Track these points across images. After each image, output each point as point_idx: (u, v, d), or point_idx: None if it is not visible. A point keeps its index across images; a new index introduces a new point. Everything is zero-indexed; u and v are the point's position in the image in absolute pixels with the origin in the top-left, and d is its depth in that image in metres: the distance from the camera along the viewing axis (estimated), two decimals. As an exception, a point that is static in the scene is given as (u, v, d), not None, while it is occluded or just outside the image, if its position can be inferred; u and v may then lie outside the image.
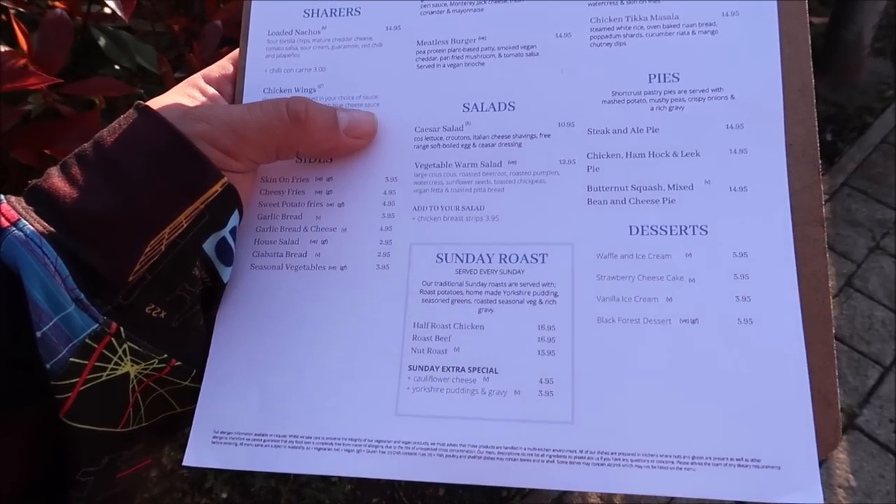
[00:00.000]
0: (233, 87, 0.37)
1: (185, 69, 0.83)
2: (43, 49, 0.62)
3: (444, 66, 0.36)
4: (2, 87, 0.55)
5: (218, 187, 0.31)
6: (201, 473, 1.37)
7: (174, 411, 0.33)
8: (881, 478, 1.41)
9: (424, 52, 0.36)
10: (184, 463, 0.32)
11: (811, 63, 0.33)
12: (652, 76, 0.34)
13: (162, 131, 0.30)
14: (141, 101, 0.32)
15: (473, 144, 0.35)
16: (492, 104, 0.35)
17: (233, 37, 0.91)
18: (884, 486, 1.40)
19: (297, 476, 1.31)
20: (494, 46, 0.36)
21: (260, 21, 0.38)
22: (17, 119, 0.61)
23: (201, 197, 0.31)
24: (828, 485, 1.40)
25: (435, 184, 0.35)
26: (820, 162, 0.32)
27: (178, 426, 0.34)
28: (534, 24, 0.35)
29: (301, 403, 0.33)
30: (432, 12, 0.36)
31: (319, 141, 0.34)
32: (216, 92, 0.36)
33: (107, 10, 0.71)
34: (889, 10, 2.38)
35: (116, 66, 0.82)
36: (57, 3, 0.69)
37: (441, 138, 0.35)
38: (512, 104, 0.35)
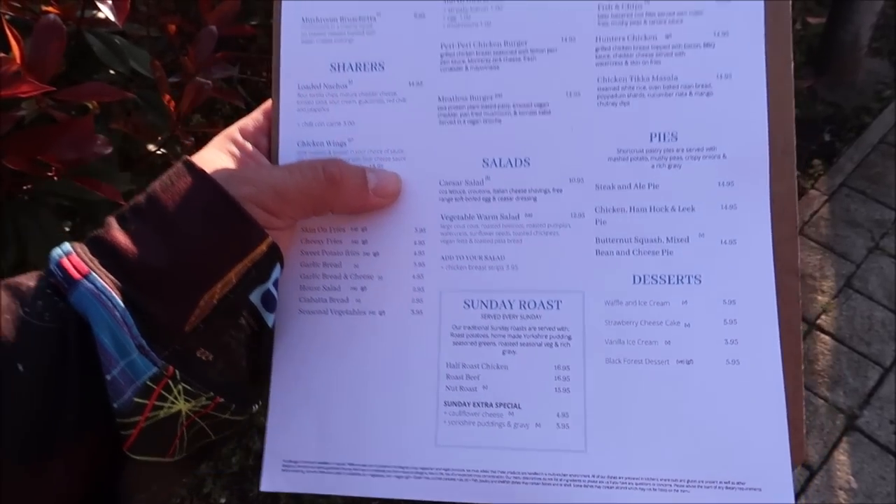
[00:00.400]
0: (268, 139, 0.40)
1: (179, 73, 0.83)
2: (36, 55, 0.61)
3: (465, 122, 0.38)
4: (-5, 94, 0.55)
5: (263, 246, 0.34)
6: (200, 478, 1.36)
7: (209, 440, 0.36)
8: (882, 479, 1.40)
9: (446, 108, 0.39)
10: (261, 489, 0.38)
11: (794, 127, 0.36)
12: (653, 135, 0.37)
13: (214, 194, 0.33)
14: (188, 158, 0.35)
15: (493, 198, 0.38)
16: (509, 160, 0.38)
17: (227, 37, 0.91)
18: (885, 488, 1.39)
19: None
20: (510, 104, 0.38)
21: (290, 74, 0.40)
22: (11, 125, 0.61)
23: (249, 255, 0.34)
24: (829, 486, 1.40)
25: (460, 234, 0.38)
26: (798, 215, 0.36)
27: (210, 452, 0.38)
28: (546, 82, 0.38)
29: (354, 435, 0.37)
30: (451, 69, 0.39)
31: (351, 200, 0.37)
32: (253, 148, 0.39)
33: (100, 15, 0.70)
34: (886, 11, 2.38)
35: (111, 71, 0.82)
36: (50, 9, 0.69)
37: (464, 192, 0.38)
38: (527, 160, 0.38)
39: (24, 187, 0.71)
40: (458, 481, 0.36)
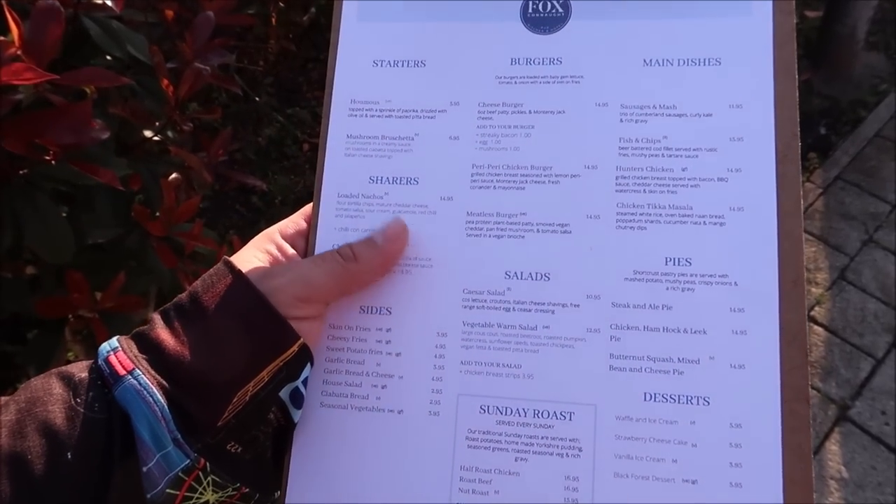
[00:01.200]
0: (305, 241, 0.42)
1: (177, 59, 0.83)
2: (34, 38, 0.61)
3: (490, 236, 0.41)
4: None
5: (295, 347, 0.36)
6: None
7: None
8: (873, 469, 1.42)
9: (473, 222, 0.41)
10: None
11: (804, 257, 0.37)
12: (668, 259, 0.39)
13: (252, 297, 0.36)
14: (229, 259, 0.38)
15: (513, 308, 0.40)
16: (530, 273, 0.40)
17: (224, 26, 0.91)
18: (875, 478, 1.41)
19: None
20: (534, 222, 0.40)
21: (331, 183, 0.43)
22: (7, 109, 0.61)
23: (281, 356, 0.36)
24: (820, 476, 1.41)
25: (480, 341, 0.40)
26: (808, 344, 0.37)
27: None
28: (568, 204, 0.40)
29: None
30: (481, 187, 0.41)
31: (371, 264, 0.39)
32: (292, 250, 0.41)
33: (98, 0, 0.70)
34: (883, 5, 2.38)
35: (108, 57, 0.82)
36: (48, -8, 0.69)
37: (486, 301, 0.40)
38: (547, 275, 0.40)
39: (21, 172, 0.71)
40: None
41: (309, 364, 0.38)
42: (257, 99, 2.16)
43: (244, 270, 0.37)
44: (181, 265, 0.84)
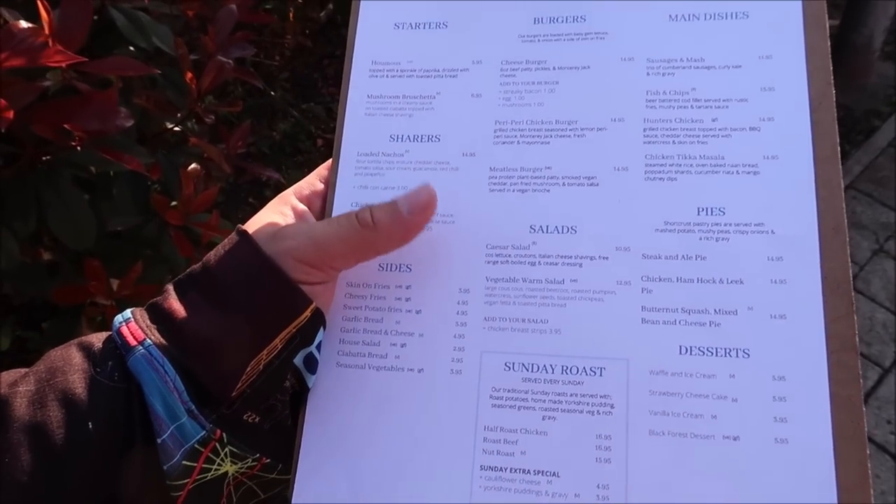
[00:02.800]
0: (322, 202, 0.42)
1: (199, 51, 0.84)
2: (63, 26, 0.62)
3: (514, 190, 0.40)
4: (25, 64, 0.56)
5: (308, 312, 0.35)
6: None
7: (259, 498, 0.37)
8: (877, 477, 1.42)
9: (496, 177, 0.40)
10: None
11: (843, 204, 0.36)
12: (700, 209, 0.37)
13: (263, 266, 0.35)
14: (242, 228, 0.37)
15: (539, 262, 0.38)
16: (556, 227, 0.38)
17: (243, 22, 0.92)
18: (880, 486, 1.41)
19: None
20: (559, 176, 0.39)
21: (351, 141, 0.42)
22: (36, 95, 0.62)
23: (294, 322, 0.35)
24: (824, 483, 1.41)
25: (504, 297, 0.38)
26: (853, 292, 0.35)
27: None
28: (594, 157, 0.39)
29: (386, 495, 0.36)
30: (504, 142, 0.40)
31: (391, 233, 0.37)
32: (305, 208, 0.40)
33: (125, -9, 0.72)
34: (900, 15, 2.38)
35: (132, 48, 0.83)
36: (77, -18, 0.70)
37: (510, 255, 0.39)
38: (574, 228, 0.38)
39: (44, 157, 0.72)
40: None
41: (322, 328, 0.37)
42: (273, 94, 2.17)
43: (254, 234, 0.36)
44: (197, 255, 0.85)
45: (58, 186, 0.72)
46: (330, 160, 0.42)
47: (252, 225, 0.38)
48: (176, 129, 0.90)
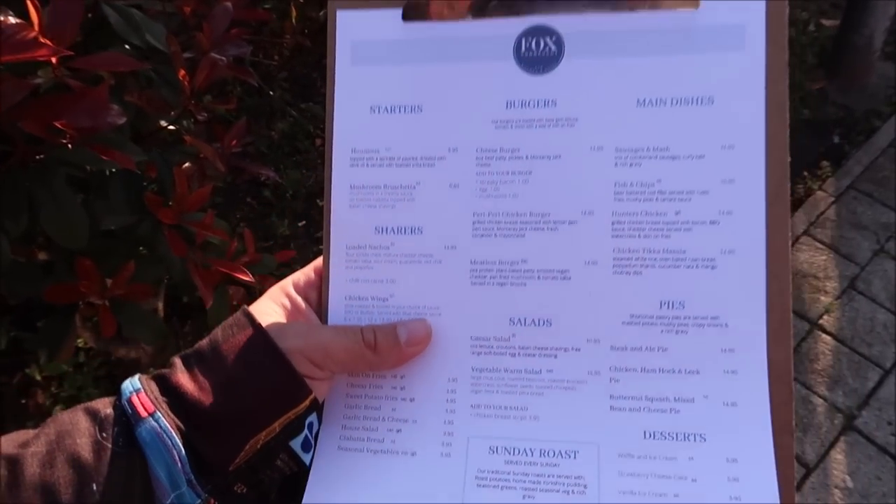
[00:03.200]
0: (317, 294, 0.44)
1: (194, 49, 0.84)
2: (54, 23, 0.62)
3: (493, 284, 0.42)
4: (11, 58, 0.55)
5: (307, 402, 0.38)
6: None
7: None
8: (878, 479, 1.41)
9: (477, 270, 0.42)
10: None
11: (790, 298, 0.39)
12: (663, 303, 0.40)
13: (269, 352, 0.38)
14: (248, 310, 0.40)
15: (518, 353, 0.41)
16: (533, 320, 0.41)
17: (241, 20, 0.91)
18: (880, 488, 1.40)
19: None
20: (534, 269, 0.42)
21: (339, 235, 0.44)
22: (26, 91, 0.62)
23: (294, 409, 0.38)
24: (824, 485, 1.40)
25: (488, 386, 0.41)
26: (793, 380, 0.39)
27: None
28: (567, 251, 0.41)
29: None
30: (483, 235, 0.42)
31: (387, 358, 0.41)
32: (304, 302, 0.43)
33: (118, -13, 0.71)
34: (901, 15, 2.37)
35: (126, 46, 0.82)
36: (68, -21, 0.70)
37: (493, 347, 0.42)
38: (549, 321, 0.41)
39: (37, 156, 0.71)
40: None
41: (317, 415, 0.41)
42: (271, 93, 2.17)
43: (263, 324, 0.39)
44: (191, 254, 0.85)
45: (51, 185, 0.71)
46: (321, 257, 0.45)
47: (257, 312, 0.40)
48: (171, 127, 0.90)
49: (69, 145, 0.65)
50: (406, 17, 0.44)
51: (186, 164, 0.86)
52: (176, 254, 0.82)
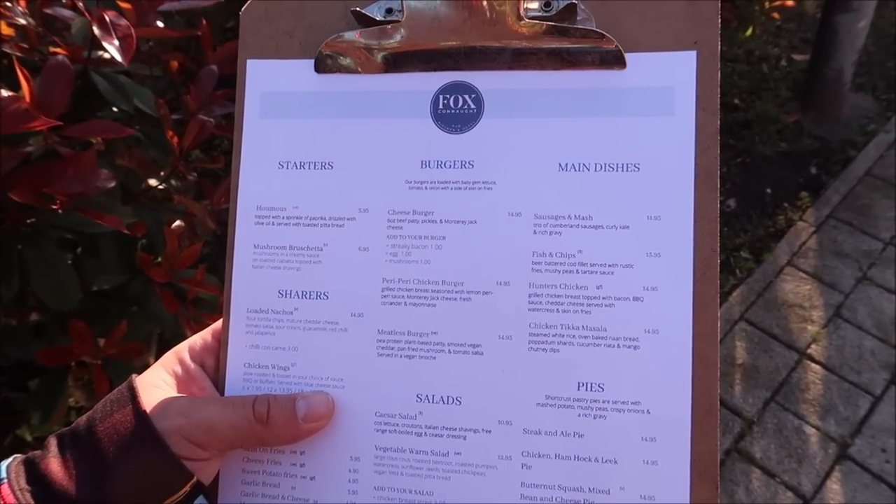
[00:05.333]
0: (215, 359, 0.42)
1: (182, 111, 0.86)
2: (44, 93, 0.64)
3: (402, 356, 0.40)
4: (5, 131, 0.57)
5: (188, 487, 0.36)
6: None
7: None
8: (874, 508, 1.41)
9: (384, 340, 0.40)
10: None
11: (718, 384, 0.37)
12: (581, 384, 0.38)
13: (146, 434, 0.35)
14: (133, 384, 0.37)
15: (425, 433, 0.39)
16: (441, 397, 0.39)
17: (229, 74, 0.94)
18: (877, 517, 1.40)
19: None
20: (445, 342, 0.39)
21: (239, 297, 0.42)
22: (18, 160, 0.63)
23: (174, 496, 0.35)
24: (822, 516, 1.40)
25: (392, 467, 0.39)
26: (718, 476, 0.38)
27: None
28: (480, 324, 0.39)
29: None
30: (392, 303, 0.40)
31: (282, 434, 0.38)
32: (198, 369, 0.41)
33: (106, 56, 0.73)
34: (868, 48, 2.44)
35: (114, 109, 0.84)
36: (58, 50, 0.72)
37: (398, 425, 0.39)
38: (459, 399, 0.39)
39: (28, 220, 0.73)
40: None
41: (202, 496, 0.38)
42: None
43: (147, 399, 0.36)
44: (183, 310, 0.85)
45: (41, 249, 0.73)
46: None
47: (144, 384, 0.38)
48: (160, 186, 0.92)
49: (59, 210, 0.67)
50: (319, 68, 0.42)
51: (176, 223, 0.88)
52: (168, 311, 0.83)
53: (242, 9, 0.42)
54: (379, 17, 0.41)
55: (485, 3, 0.39)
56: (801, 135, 2.30)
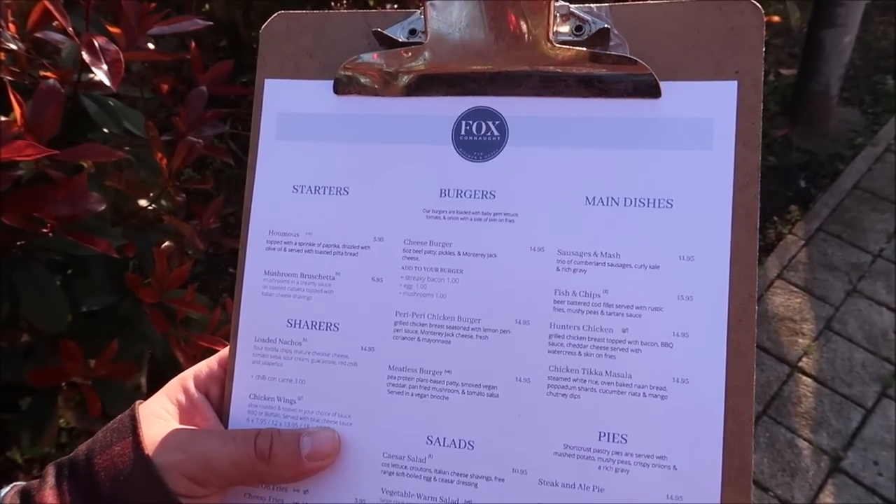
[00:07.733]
0: (220, 388, 0.40)
1: (171, 132, 0.87)
2: (35, 117, 0.64)
3: (412, 394, 0.38)
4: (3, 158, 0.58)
5: None
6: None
7: None
8: (868, 521, 1.41)
9: (395, 377, 0.38)
10: None
11: (752, 444, 0.34)
12: (602, 434, 0.35)
13: (143, 469, 0.34)
14: (135, 414, 0.36)
15: (434, 478, 0.37)
16: (453, 441, 0.37)
17: (219, 95, 0.95)
18: (871, 530, 1.40)
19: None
20: (459, 382, 0.37)
21: (248, 325, 0.40)
22: (8, 184, 0.64)
23: None
24: (816, 529, 1.40)
25: None
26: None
27: None
28: (496, 364, 0.37)
29: None
30: (404, 338, 0.38)
31: (284, 472, 0.37)
32: (202, 398, 0.40)
33: (96, 79, 0.74)
34: (855, 62, 2.47)
35: (105, 130, 0.85)
36: (49, 74, 0.73)
37: (406, 467, 0.37)
38: (471, 443, 0.37)
39: (18, 243, 0.73)
40: None
41: None
42: (250, 163, 2.20)
43: (147, 430, 0.36)
44: (173, 330, 0.86)
45: (31, 271, 0.73)
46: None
47: (147, 413, 0.37)
48: (150, 207, 0.92)
49: (49, 234, 0.67)
50: (338, 90, 0.40)
51: (166, 243, 0.88)
52: (158, 331, 0.83)
53: (263, 26, 0.41)
54: (402, 39, 0.39)
55: (513, 26, 0.37)
56: (790, 149, 2.32)
